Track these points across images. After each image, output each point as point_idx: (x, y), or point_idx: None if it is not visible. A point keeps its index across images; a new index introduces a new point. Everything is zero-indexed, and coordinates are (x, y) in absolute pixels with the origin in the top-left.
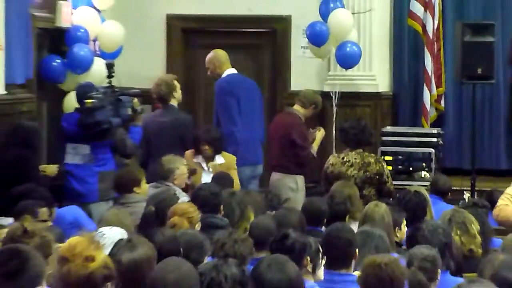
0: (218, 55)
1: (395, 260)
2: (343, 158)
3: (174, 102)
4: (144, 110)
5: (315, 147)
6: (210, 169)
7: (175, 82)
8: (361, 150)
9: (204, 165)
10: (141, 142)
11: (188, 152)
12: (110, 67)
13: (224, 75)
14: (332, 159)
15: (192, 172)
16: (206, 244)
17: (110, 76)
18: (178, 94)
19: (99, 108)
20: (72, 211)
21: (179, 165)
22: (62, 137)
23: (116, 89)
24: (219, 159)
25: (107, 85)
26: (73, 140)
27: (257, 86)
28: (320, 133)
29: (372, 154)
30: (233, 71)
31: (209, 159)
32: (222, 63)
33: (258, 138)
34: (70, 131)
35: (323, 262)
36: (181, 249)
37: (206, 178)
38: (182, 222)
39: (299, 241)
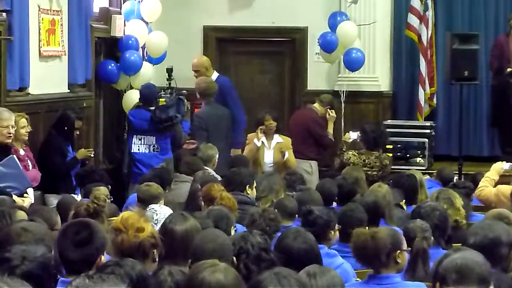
0: (206, 60)
1: (383, 232)
2: (364, 161)
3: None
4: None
5: (330, 131)
6: (272, 147)
7: None
8: (378, 153)
9: (266, 143)
10: (198, 131)
11: (252, 134)
12: (170, 71)
13: (213, 76)
14: (352, 157)
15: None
16: (231, 216)
17: (169, 78)
18: None
19: (170, 106)
20: None
21: (215, 152)
22: (129, 130)
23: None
24: (278, 139)
25: (167, 86)
26: (139, 133)
27: None
28: (330, 117)
29: (386, 155)
30: (217, 74)
31: (271, 136)
32: (210, 67)
33: None
34: (137, 124)
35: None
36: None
37: (267, 154)
38: (230, 199)
39: (321, 217)
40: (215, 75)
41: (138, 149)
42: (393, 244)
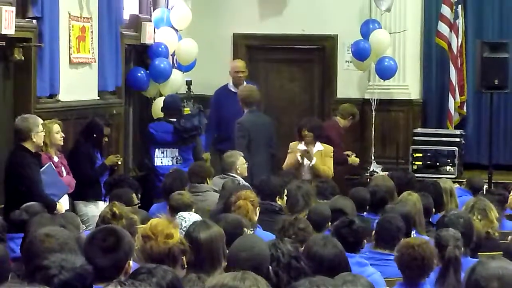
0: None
1: (426, 242)
2: None
3: None
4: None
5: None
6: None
7: None
8: None
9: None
10: (238, 140)
11: (294, 143)
12: (189, 83)
13: None
14: None
15: (304, 153)
16: (244, 222)
17: (189, 91)
18: None
19: (194, 115)
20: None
21: (238, 158)
22: (150, 143)
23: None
24: (319, 146)
25: (186, 95)
26: (162, 145)
27: None
28: (352, 159)
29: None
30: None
31: (309, 144)
32: None
33: None
34: (159, 137)
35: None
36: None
37: (306, 161)
38: (247, 204)
39: (362, 227)
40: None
41: (161, 162)
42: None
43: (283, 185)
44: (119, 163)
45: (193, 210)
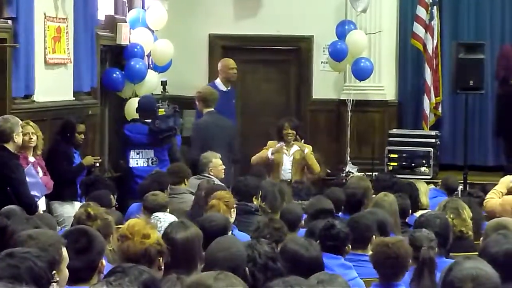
0: None
1: (401, 240)
2: None
3: None
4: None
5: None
6: (291, 154)
7: None
8: None
9: (284, 149)
10: (194, 140)
11: (272, 141)
12: (164, 84)
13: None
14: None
15: (280, 149)
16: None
17: (164, 91)
18: None
19: (169, 116)
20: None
21: (213, 159)
22: (125, 144)
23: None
24: (297, 147)
25: (161, 96)
26: (137, 147)
27: None
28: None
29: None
30: None
31: (289, 144)
32: None
33: None
34: (134, 138)
35: None
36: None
37: (286, 161)
38: (219, 204)
39: (343, 231)
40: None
41: (137, 163)
42: (410, 254)
43: (258, 186)
44: (97, 165)
45: (168, 210)
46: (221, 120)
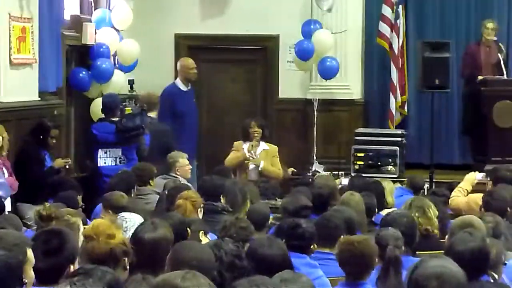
0: None
1: (367, 238)
2: None
3: None
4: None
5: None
6: (257, 153)
7: None
8: None
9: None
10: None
11: (238, 142)
12: (131, 83)
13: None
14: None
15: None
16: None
17: (131, 90)
18: None
19: (136, 115)
20: None
21: (179, 158)
22: (93, 144)
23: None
24: (264, 146)
25: (128, 95)
26: (104, 146)
27: None
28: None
29: None
30: None
31: (257, 143)
32: None
33: None
34: (101, 138)
35: None
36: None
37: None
38: (186, 204)
39: (308, 231)
40: None
41: (105, 163)
42: (376, 252)
43: (224, 185)
44: (67, 166)
45: (130, 210)
46: (156, 125)
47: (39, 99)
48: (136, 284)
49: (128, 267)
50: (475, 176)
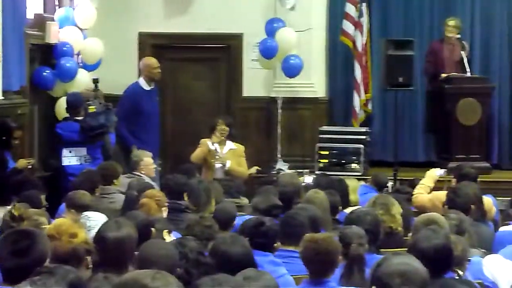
0: None
1: (330, 236)
2: None
3: None
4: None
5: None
6: (224, 152)
7: None
8: None
9: (218, 148)
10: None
11: (205, 139)
12: (96, 81)
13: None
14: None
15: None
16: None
17: (96, 89)
18: None
19: (100, 113)
20: None
21: (144, 157)
22: (58, 143)
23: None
24: (231, 145)
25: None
26: (69, 145)
27: None
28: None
29: None
30: None
31: (223, 141)
32: None
33: None
34: (66, 136)
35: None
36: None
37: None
38: (151, 203)
39: (272, 229)
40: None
41: (69, 162)
42: (340, 250)
43: (188, 184)
44: (30, 166)
45: (93, 209)
46: None
47: (3, 98)
48: (98, 283)
49: (91, 266)
50: (436, 173)
